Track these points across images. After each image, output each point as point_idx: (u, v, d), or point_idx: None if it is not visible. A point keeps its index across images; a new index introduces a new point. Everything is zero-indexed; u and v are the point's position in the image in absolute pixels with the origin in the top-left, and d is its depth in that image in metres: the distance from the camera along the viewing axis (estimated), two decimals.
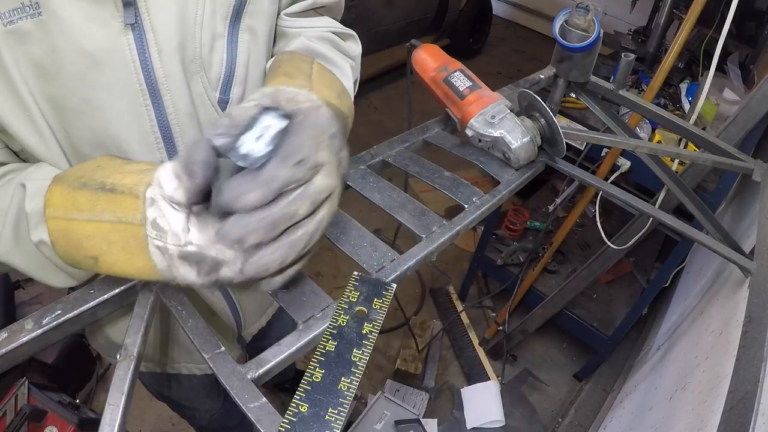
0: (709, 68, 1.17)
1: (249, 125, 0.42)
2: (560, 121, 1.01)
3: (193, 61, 0.61)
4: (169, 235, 0.43)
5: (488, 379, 2.01)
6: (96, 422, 0.62)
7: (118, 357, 0.49)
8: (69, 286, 0.59)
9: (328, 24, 0.74)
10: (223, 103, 0.67)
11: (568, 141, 0.75)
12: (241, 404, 0.44)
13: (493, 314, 2.35)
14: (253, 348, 0.93)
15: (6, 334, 0.49)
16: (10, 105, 0.55)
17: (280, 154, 0.41)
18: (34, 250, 0.52)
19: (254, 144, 0.41)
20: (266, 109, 0.43)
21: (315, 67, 0.62)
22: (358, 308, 0.49)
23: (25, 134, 0.57)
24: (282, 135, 0.42)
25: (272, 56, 0.71)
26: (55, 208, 0.47)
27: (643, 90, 1.91)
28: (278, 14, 0.72)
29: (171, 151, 0.65)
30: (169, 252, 0.43)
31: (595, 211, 1.69)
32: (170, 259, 0.43)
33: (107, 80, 0.57)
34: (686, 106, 1.83)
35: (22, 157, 0.62)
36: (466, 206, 0.67)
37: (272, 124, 0.42)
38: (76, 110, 0.57)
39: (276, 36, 0.73)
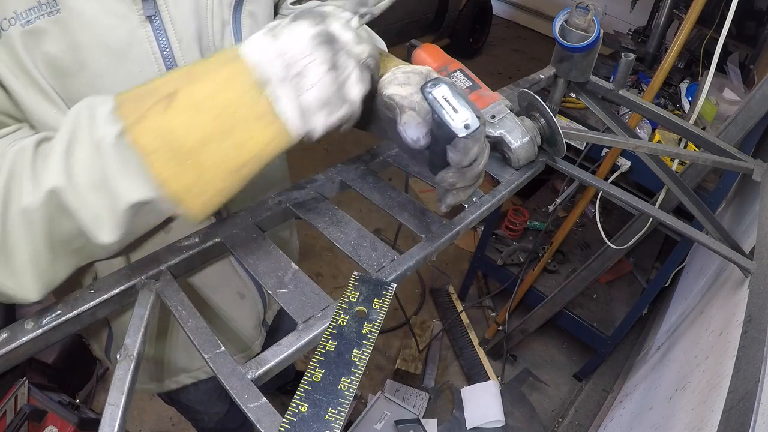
0: (709, 68, 1.17)
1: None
2: (560, 121, 1.01)
3: (208, 49, 0.63)
4: None
5: (488, 379, 2.01)
6: (96, 422, 0.62)
7: (118, 357, 0.49)
8: (113, 240, 0.46)
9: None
10: None
11: (568, 141, 0.74)
12: (241, 404, 0.44)
13: (493, 314, 2.35)
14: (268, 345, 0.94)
15: (6, 334, 0.49)
16: (38, 100, 0.54)
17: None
18: (93, 160, 0.42)
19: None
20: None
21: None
22: (358, 308, 0.49)
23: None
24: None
25: None
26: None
27: (643, 90, 1.92)
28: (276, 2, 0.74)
29: None
30: None
31: (595, 211, 1.69)
32: None
33: (129, 73, 0.57)
34: (686, 106, 1.83)
35: None
36: (466, 206, 0.67)
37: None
38: None
39: None
